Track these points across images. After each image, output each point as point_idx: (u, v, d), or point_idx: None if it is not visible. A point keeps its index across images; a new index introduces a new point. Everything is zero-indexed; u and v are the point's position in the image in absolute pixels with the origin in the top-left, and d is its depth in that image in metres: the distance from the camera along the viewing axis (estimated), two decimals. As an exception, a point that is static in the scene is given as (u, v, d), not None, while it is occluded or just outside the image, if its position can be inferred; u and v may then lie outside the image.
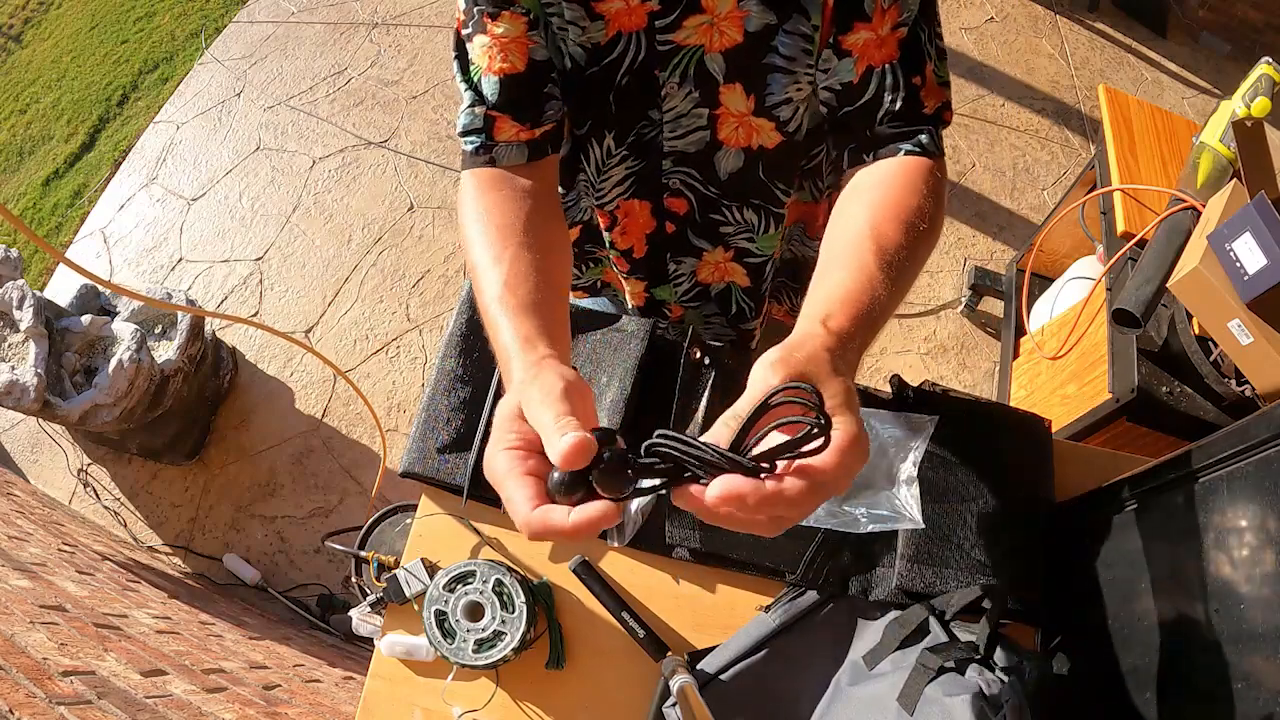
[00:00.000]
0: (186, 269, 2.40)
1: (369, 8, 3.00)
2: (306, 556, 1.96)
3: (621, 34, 0.67)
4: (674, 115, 0.74)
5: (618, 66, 0.69)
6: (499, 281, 0.58)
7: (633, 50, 0.68)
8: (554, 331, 0.55)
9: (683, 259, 0.90)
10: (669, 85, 0.71)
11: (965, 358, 2.26)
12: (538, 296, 0.58)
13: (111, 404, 1.72)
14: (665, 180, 0.81)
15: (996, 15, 3.03)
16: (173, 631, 1.30)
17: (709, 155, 0.78)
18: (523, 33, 0.66)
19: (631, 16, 0.66)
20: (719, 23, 0.66)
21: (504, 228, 0.63)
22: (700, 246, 0.89)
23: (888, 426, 0.76)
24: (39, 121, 2.90)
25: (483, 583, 0.74)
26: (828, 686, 0.71)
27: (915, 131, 0.67)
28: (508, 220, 0.64)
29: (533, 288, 0.58)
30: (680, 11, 0.65)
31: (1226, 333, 1.16)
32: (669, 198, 0.83)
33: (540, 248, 0.62)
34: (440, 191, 2.52)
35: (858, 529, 0.72)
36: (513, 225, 0.64)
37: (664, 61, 0.69)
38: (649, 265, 0.91)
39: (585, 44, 0.68)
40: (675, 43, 0.67)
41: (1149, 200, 1.53)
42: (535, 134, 0.69)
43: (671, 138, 0.76)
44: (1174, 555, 0.61)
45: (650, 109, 0.73)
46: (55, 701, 0.80)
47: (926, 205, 0.62)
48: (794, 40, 0.66)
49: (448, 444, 0.81)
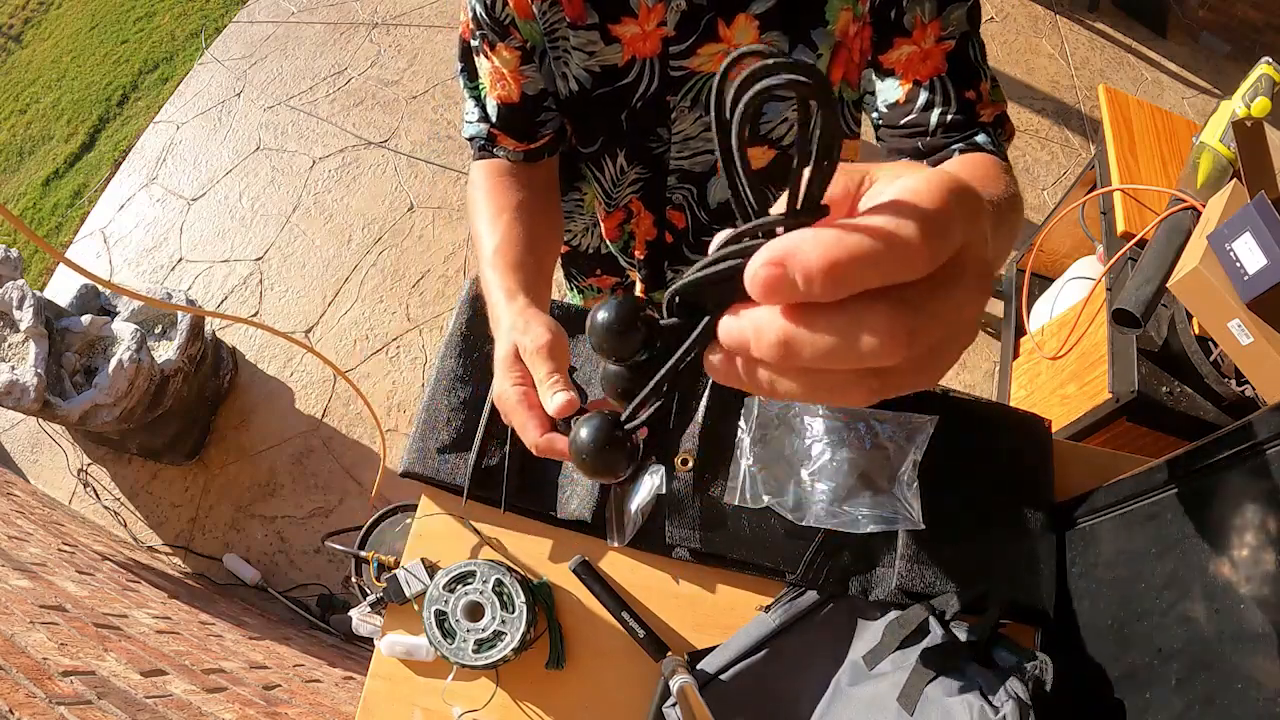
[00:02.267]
0: (186, 269, 2.40)
1: (369, 8, 3.00)
2: (306, 556, 1.96)
3: (636, 59, 0.67)
4: (682, 137, 0.74)
5: (632, 90, 0.69)
6: (492, 247, 0.67)
7: (647, 77, 0.68)
8: (537, 287, 0.64)
9: (679, 268, 0.91)
10: (679, 109, 0.71)
11: (965, 358, 2.26)
12: (525, 259, 0.66)
13: (111, 404, 1.72)
14: (669, 194, 0.81)
15: (996, 15, 3.03)
16: (173, 631, 1.30)
17: (706, 179, 0.78)
18: (516, 67, 0.69)
19: (646, 42, 0.66)
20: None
21: (502, 205, 0.71)
22: (694, 260, 0.89)
23: (887, 426, 0.76)
24: (39, 121, 2.90)
25: (483, 583, 0.74)
26: (828, 686, 0.71)
27: (971, 134, 0.64)
28: (506, 200, 0.72)
29: (520, 251, 0.66)
30: (696, 38, 0.65)
31: (1226, 333, 1.16)
32: (671, 210, 0.84)
33: (531, 221, 0.71)
34: (440, 191, 2.52)
35: (858, 529, 0.72)
36: (509, 203, 0.72)
37: (676, 86, 0.69)
38: (649, 267, 0.92)
39: (594, 67, 0.68)
40: (688, 69, 0.67)
41: (1149, 200, 1.53)
42: (532, 146, 0.76)
43: (678, 157, 0.76)
44: (1174, 555, 0.61)
45: (660, 127, 0.73)
46: (55, 701, 0.80)
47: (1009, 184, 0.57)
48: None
49: (448, 444, 0.81)
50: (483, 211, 0.71)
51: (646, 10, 0.63)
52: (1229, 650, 0.52)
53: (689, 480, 0.77)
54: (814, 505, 0.73)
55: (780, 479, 0.74)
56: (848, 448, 0.75)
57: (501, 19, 0.67)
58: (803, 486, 0.74)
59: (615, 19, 0.64)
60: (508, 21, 0.67)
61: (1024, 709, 0.55)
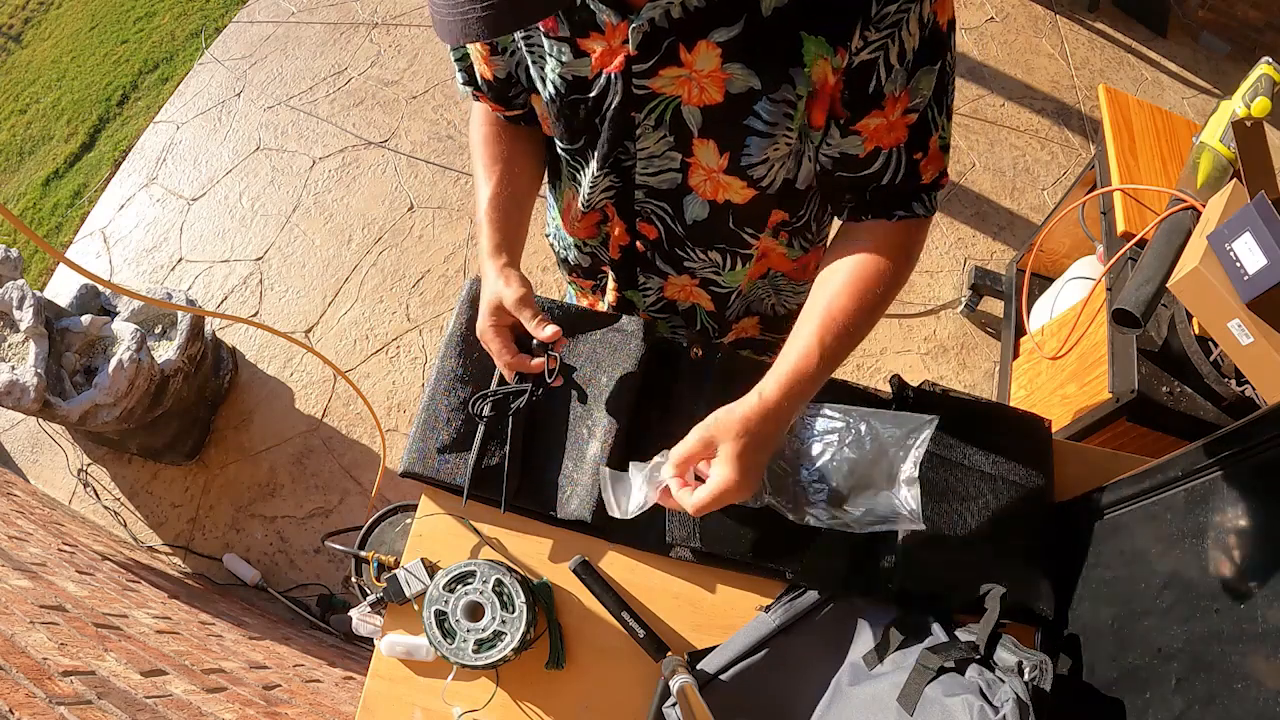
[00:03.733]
0: (186, 269, 2.40)
1: (369, 8, 3.00)
2: (306, 556, 1.96)
3: (603, 72, 0.68)
4: (647, 155, 0.75)
5: (601, 101, 0.71)
6: (487, 196, 0.81)
7: (613, 91, 0.69)
8: (515, 246, 0.80)
9: (650, 276, 0.92)
10: (643, 126, 0.71)
11: (965, 358, 2.26)
12: (510, 215, 0.81)
13: (111, 404, 1.72)
14: (637, 207, 0.82)
15: (996, 15, 3.03)
16: (173, 631, 1.30)
17: (679, 196, 0.79)
18: (486, 57, 0.77)
19: (612, 58, 0.66)
20: (699, 79, 0.66)
21: (496, 154, 0.83)
22: (666, 271, 0.90)
23: (888, 426, 0.76)
24: (39, 121, 2.91)
25: (483, 583, 0.74)
26: (828, 686, 0.71)
27: (910, 199, 0.72)
28: (499, 149, 0.84)
29: (507, 207, 0.81)
30: (657, 61, 0.65)
31: (1226, 333, 1.16)
32: (641, 222, 0.84)
33: (515, 180, 0.83)
34: (440, 191, 2.52)
35: (858, 529, 0.72)
36: (501, 153, 0.83)
37: (640, 104, 0.69)
38: (621, 269, 0.92)
39: (567, 75, 0.70)
40: (651, 89, 0.68)
41: (1149, 200, 1.53)
42: (509, 114, 0.84)
43: (644, 174, 0.77)
44: (1174, 555, 0.61)
45: (627, 140, 0.74)
46: (55, 701, 0.80)
47: (890, 269, 0.71)
48: (778, 107, 0.66)
49: (448, 444, 0.81)
50: (480, 155, 0.84)
51: (611, 28, 0.64)
52: (1229, 650, 0.52)
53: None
54: (814, 505, 0.73)
55: (780, 479, 0.74)
56: (848, 448, 0.75)
57: None
58: (803, 486, 0.74)
59: (584, 34, 0.66)
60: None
61: (1024, 709, 0.55)
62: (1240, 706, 0.50)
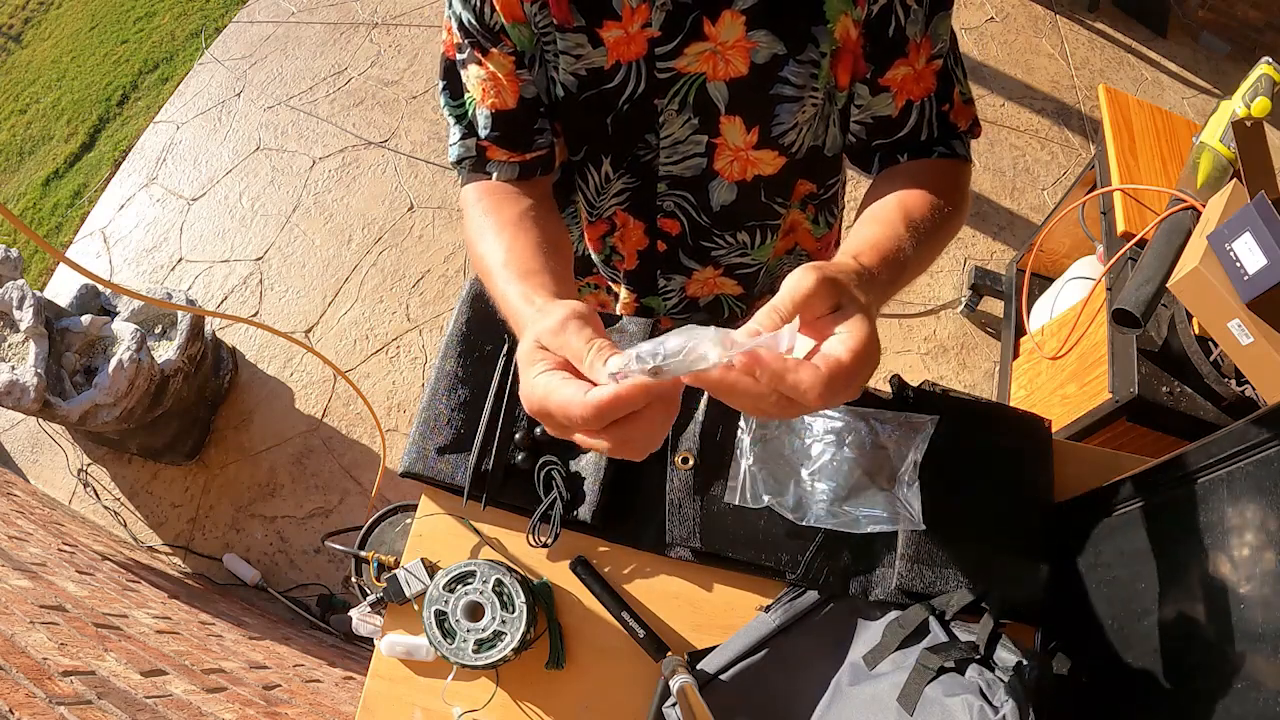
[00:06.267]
0: (186, 269, 2.40)
1: (369, 8, 3.00)
2: (306, 556, 1.96)
3: (620, 64, 0.67)
4: (671, 141, 0.73)
5: (618, 94, 0.69)
6: (500, 261, 0.63)
7: (633, 81, 0.68)
8: (553, 286, 0.58)
9: (673, 276, 0.90)
10: (667, 112, 0.70)
11: (965, 358, 2.26)
12: (536, 265, 0.62)
13: (111, 404, 1.72)
14: (660, 202, 0.81)
15: (996, 15, 3.03)
16: (173, 631, 1.30)
17: (704, 182, 0.78)
18: (511, 71, 0.68)
19: (631, 45, 0.65)
20: (724, 51, 0.65)
21: (505, 219, 0.68)
22: (690, 267, 0.89)
23: (888, 426, 0.76)
24: (39, 121, 2.91)
25: (483, 583, 0.74)
26: (828, 687, 0.71)
27: (947, 139, 0.72)
28: (509, 212, 0.69)
29: (530, 258, 0.63)
30: (682, 38, 0.64)
31: (1226, 333, 1.16)
32: (662, 219, 0.83)
33: (538, 228, 0.67)
34: (440, 191, 2.52)
35: (858, 529, 0.72)
36: (512, 215, 0.69)
37: (663, 89, 0.68)
38: (639, 278, 0.91)
39: (581, 70, 0.68)
40: (676, 70, 0.67)
41: (1149, 200, 1.53)
42: (525, 158, 0.73)
43: (668, 163, 0.76)
44: (1174, 555, 0.61)
45: (647, 133, 0.73)
46: (55, 701, 0.80)
47: (953, 194, 0.67)
48: (804, 68, 0.66)
49: (448, 444, 0.81)
50: (486, 229, 0.67)
51: (630, 11, 0.63)
52: (1229, 650, 0.52)
53: (689, 479, 0.77)
54: (814, 505, 0.73)
55: (780, 479, 0.74)
56: (848, 448, 0.75)
57: (492, 25, 0.66)
58: (803, 486, 0.74)
59: (599, 22, 0.64)
60: (498, 28, 0.66)
61: (1024, 709, 0.55)
62: (1240, 706, 0.50)
